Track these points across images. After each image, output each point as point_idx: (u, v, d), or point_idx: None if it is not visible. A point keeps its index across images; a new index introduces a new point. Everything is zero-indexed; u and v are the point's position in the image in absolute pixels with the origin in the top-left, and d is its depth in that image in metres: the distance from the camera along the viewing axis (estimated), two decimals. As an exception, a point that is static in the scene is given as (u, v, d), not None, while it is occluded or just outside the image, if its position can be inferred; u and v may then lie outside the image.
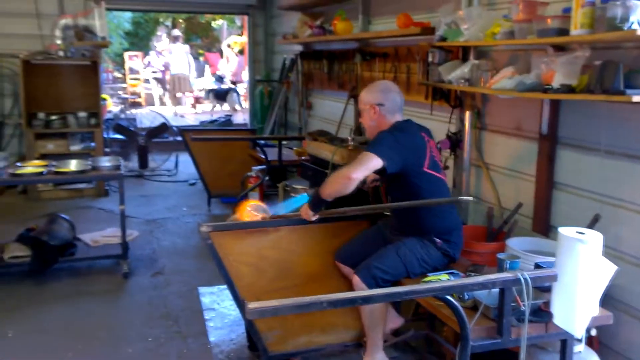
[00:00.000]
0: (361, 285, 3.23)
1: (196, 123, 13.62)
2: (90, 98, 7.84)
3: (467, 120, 4.27)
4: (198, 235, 3.89)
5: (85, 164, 5.07)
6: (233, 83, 17.45)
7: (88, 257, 5.34)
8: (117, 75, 19.05)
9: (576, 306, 2.57)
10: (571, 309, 2.58)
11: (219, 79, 17.69)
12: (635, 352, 3.14)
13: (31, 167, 5.00)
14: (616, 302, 3.15)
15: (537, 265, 2.95)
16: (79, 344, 3.89)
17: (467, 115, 4.26)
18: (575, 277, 2.54)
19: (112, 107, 13.31)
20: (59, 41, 7.38)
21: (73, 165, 5.10)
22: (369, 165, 3.21)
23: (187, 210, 7.19)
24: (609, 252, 3.01)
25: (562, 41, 3.14)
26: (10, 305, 4.46)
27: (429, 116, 4.62)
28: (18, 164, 5.18)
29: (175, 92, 16.75)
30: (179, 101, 16.98)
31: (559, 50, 3.33)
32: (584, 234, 2.55)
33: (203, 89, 17.31)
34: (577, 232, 2.57)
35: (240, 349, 3.86)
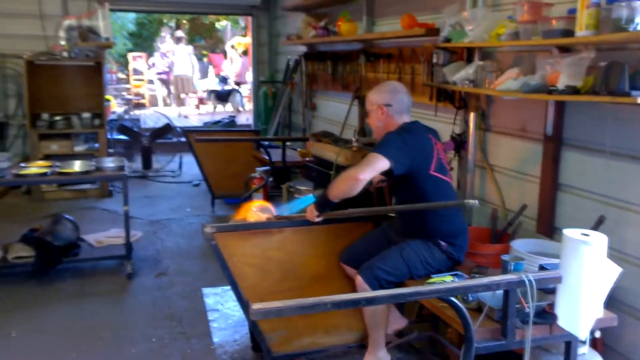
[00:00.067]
0: (364, 286, 3.22)
1: (200, 124, 13.61)
2: (94, 99, 7.83)
3: (471, 122, 4.27)
4: (202, 236, 3.91)
5: (89, 165, 5.06)
6: (237, 84, 17.46)
7: (92, 257, 5.34)
8: (120, 76, 19.08)
9: (581, 308, 2.56)
10: (576, 311, 2.58)
11: (223, 80, 17.69)
12: (639, 354, 3.13)
13: (35, 168, 5.00)
14: (621, 304, 3.14)
15: (542, 267, 2.94)
16: (83, 345, 3.89)
17: (472, 116, 4.26)
18: (579, 279, 2.53)
19: (116, 108, 13.31)
20: (62, 42, 7.41)
21: (77, 166, 5.09)
22: (376, 166, 3.20)
23: (191, 211, 7.19)
24: (613, 254, 3.00)
25: (567, 42, 3.13)
26: (14, 305, 4.46)
27: (433, 117, 4.61)
28: (22, 164, 5.18)
29: (179, 93, 16.77)
30: (182, 102, 16.99)
31: (564, 51, 3.32)
32: (588, 235, 2.55)
33: (207, 89, 17.33)
34: (582, 233, 2.56)
35: (244, 349, 3.86)
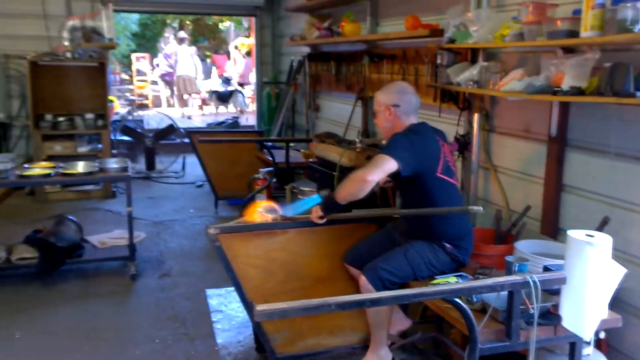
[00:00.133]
0: (368, 286, 3.22)
1: (203, 125, 13.62)
2: (97, 100, 7.84)
3: (475, 123, 4.26)
4: (205, 237, 3.90)
5: (92, 166, 5.06)
6: (240, 85, 17.46)
7: (95, 258, 5.35)
8: (124, 76, 19.10)
9: (585, 309, 2.56)
10: (580, 311, 2.57)
11: (226, 81, 17.70)
12: (644, 355, 3.13)
13: (38, 169, 5.00)
14: (625, 305, 3.13)
15: (546, 268, 2.94)
16: (86, 346, 3.89)
17: (476, 117, 4.25)
18: (584, 280, 2.53)
19: (119, 108, 13.33)
20: (66, 42, 7.42)
21: (80, 166, 5.09)
22: (384, 167, 3.18)
23: (194, 212, 7.20)
24: (618, 255, 2.99)
25: (572, 43, 3.13)
26: (18, 306, 4.47)
27: (437, 118, 4.60)
28: (25, 165, 5.19)
29: (182, 94, 16.79)
30: (186, 103, 17.01)
31: (568, 52, 3.31)
32: (593, 236, 2.54)
33: (209, 90, 17.35)
34: (586, 234, 2.56)
35: (247, 351, 3.86)
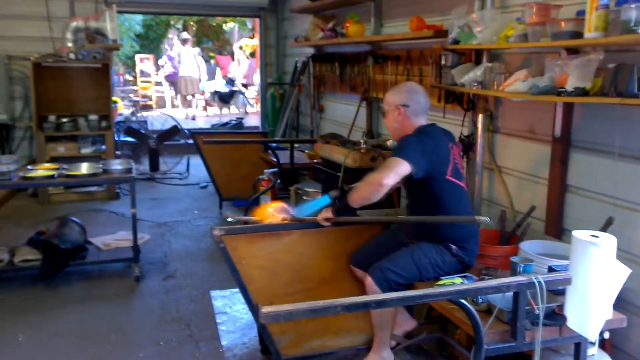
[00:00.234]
0: (374, 287, 3.22)
1: (207, 126, 13.63)
2: (101, 101, 7.86)
3: (479, 123, 4.26)
4: (209, 239, 3.91)
5: (96, 167, 5.06)
6: (244, 86, 17.46)
7: (99, 260, 5.34)
8: (128, 77, 19.13)
9: (590, 309, 2.56)
10: (585, 312, 2.57)
11: (230, 82, 17.70)
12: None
13: (42, 170, 5.00)
14: (630, 305, 3.13)
15: (551, 269, 2.94)
16: (90, 348, 3.89)
17: (480, 118, 4.25)
18: (588, 280, 2.53)
19: (123, 109, 13.35)
20: (70, 44, 7.44)
21: (84, 168, 5.09)
22: (398, 170, 3.17)
23: (198, 213, 7.20)
24: (622, 255, 2.99)
25: (576, 44, 3.13)
26: (21, 309, 4.46)
27: (441, 119, 4.60)
28: (29, 167, 5.18)
29: (185, 95, 16.80)
30: (189, 104, 17.03)
31: (572, 53, 3.31)
32: (597, 237, 2.55)
33: (212, 91, 17.36)
34: (591, 235, 2.56)
35: (252, 352, 3.86)
